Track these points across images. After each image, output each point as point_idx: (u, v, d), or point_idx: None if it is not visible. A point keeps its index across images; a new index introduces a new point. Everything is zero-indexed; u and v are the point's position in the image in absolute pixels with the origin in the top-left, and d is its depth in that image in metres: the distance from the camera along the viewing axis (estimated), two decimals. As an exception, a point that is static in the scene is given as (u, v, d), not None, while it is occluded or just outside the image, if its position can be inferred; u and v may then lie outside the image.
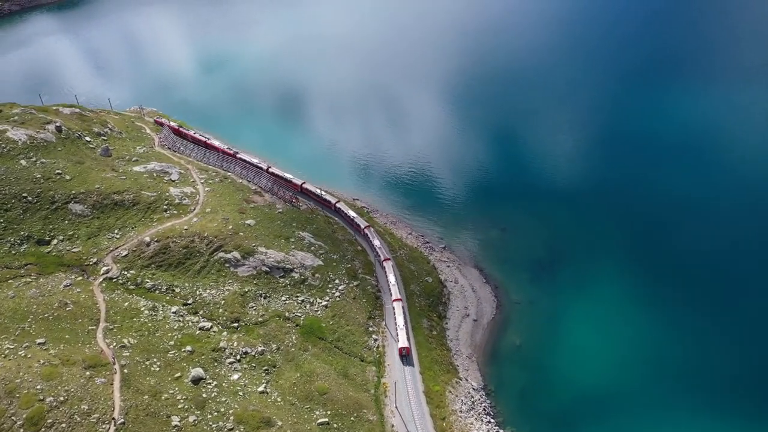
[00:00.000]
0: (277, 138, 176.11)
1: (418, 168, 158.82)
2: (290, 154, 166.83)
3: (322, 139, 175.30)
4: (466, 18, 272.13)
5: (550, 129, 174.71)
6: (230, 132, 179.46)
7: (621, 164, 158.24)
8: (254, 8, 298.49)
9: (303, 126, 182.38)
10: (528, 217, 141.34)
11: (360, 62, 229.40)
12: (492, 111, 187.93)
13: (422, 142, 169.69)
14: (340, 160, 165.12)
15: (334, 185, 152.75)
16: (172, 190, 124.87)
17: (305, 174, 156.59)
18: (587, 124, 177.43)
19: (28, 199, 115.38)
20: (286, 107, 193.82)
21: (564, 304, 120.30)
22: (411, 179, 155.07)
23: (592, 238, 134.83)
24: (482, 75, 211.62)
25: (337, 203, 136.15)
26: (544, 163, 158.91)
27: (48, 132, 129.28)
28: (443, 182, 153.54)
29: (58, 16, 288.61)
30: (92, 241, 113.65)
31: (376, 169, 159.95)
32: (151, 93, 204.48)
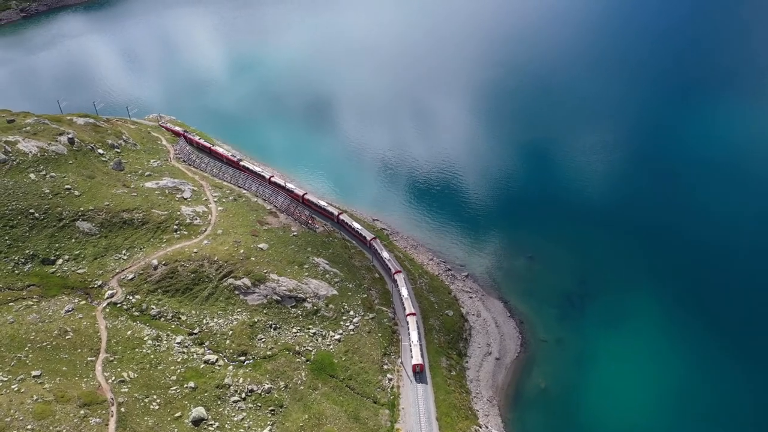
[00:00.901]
0: (297, 150, 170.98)
1: (442, 187, 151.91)
2: (310, 168, 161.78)
3: (344, 153, 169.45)
4: (497, 24, 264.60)
5: (583, 146, 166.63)
6: (248, 141, 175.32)
7: (660, 188, 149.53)
8: (281, 12, 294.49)
9: (325, 138, 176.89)
10: (557, 245, 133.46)
11: (385, 70, 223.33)
12: (521, 125, 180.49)
13: (447, 159, 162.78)
14: (362, 176, 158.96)
15: (353, 203, 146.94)
16: (184, 208, 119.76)
17: (326, 190, 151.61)
18: (624, 142, 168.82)
19: (35, 216, 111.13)
20: (308, 117, 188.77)
21: (594, 343, 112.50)
22: (434, 200, 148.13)
23: (627, 270, 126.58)
24: (513, 86, 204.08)
25: (340, 215, 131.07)
26: (576, 184, 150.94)
27: (60, 144, 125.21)
28: (468, 203, 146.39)
29: (83, 17, 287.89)
30: (98, 262, 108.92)
31: (399, 187, 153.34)
32: (172, 99, 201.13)
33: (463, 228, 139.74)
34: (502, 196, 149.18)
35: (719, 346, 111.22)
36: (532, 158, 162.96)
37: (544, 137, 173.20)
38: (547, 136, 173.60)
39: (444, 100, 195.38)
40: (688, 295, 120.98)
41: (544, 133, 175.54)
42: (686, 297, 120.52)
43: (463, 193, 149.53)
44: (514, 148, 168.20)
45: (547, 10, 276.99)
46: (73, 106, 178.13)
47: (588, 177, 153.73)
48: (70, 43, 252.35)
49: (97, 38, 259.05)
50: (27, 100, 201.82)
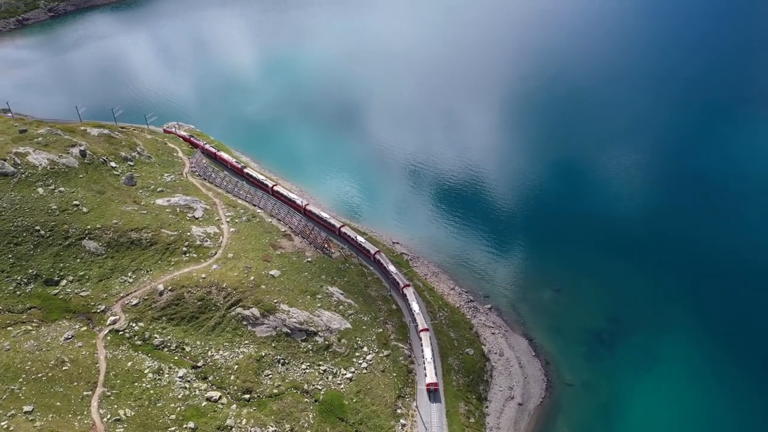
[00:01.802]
0: (317, 164, 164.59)
1: (465, 209, 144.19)
2: (330, 185, 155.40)
3: (366, 169, 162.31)
4: (527, 32, 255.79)
5: (616, 167, 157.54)
6: (267, 152, 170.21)
7: (701, 215, 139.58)
8: (308, 16, 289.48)
9: (347, 152, 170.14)
10: (587, 277, 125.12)
11: (411, 79, 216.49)
12: (551, 142, 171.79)
13: (471, 179, 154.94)
14: (383, 195, 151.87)
15: (373, 225, 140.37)
16: (194, 229, 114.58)
17: (345, 210, 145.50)
18: (660, 162, 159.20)
19: (41, 233, 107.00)
20: (331, 128, 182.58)
21: (625, 388, 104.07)
22: (457, 222, 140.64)
23: (664, 308, 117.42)
24: (543, 99, 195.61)
25: (342, 227, 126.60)
26: (609, 210, 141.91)
27: (71, 156, 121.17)
28: (492, 227, 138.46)
29: (110, 17, 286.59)
30: (103, 284, 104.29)
31: (420, 207, 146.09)
32: (193, 106, 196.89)
33: (487, 254, 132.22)
34: (529, 221, 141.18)
35: (764, 397, 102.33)
36: (561, 179, 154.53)
37: (575, 156, 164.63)
38: (577, 155, 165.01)
39: (471, 113, 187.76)
40: (731, 337, 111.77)
41: (574, 152, 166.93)
42: (728, 340, 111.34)
43: (487, 216, 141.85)
44: (543, 167, 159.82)
45: (578, 21, 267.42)
46: (92, 111, 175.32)
47: (621, 201, 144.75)
48: (96, 45, 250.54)
49: (122, 40, 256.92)
50: (48, 102, 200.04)
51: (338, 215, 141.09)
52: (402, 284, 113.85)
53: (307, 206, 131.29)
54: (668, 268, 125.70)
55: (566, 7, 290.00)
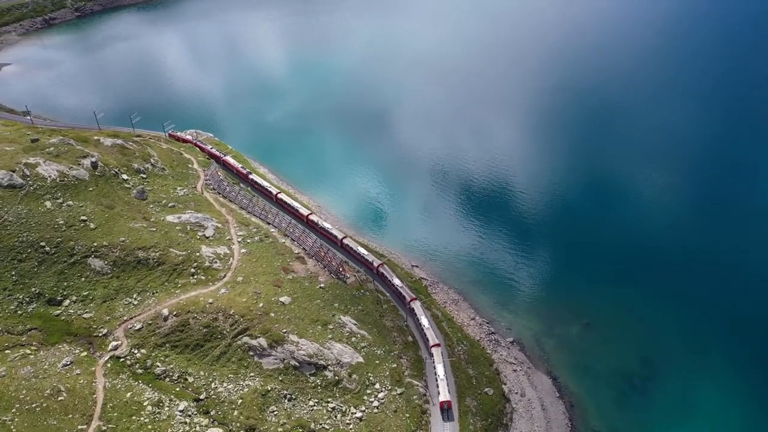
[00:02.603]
0: (339, 180, 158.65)
1: (489, 233, 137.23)
2: (348, 201, 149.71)
3: (388, 186, 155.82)
4: (560, 43, 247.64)
5: (654, 191, 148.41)
6: (286, 163, 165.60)
7: (748, 248, 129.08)
8: (335, 21, 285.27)
9: (369, 167, 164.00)
10: (618, 311, 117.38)
11: (440, 88, 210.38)
12: (582, 160, 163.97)
13: (496, 200, 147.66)
14: (403, 214, 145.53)
15: (393, 246, 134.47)
16: (204, 249, 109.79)
17: (363, 229, 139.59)
18: (705, 189, 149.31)
19: (46, 250, 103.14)
20: (354, 140, 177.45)
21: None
22: (480, 246, 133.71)
23: (703, 351, 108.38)
24: (574, 114, 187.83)
25: (343, 239, 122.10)
26: (645, 238, 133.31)
27: (81, 168, 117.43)
28: (518, 254, 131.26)
29: (136, 18, 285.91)
30: (107, 306, 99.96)
31: (443, 229, 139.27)
32: (214, 113, 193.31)
33: (511, 281, 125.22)
34: (557, 246, 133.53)
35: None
36: (593, 202, 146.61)
37: (607, 176, 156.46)
38: (610, 175, 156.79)
39: (499, 127, 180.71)
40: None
41: (607, 171, 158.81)
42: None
43: (513, 240, 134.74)
44: (573, 188, 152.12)
45: (619, 29, 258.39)
46: (110, 116, 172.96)
47: (659, 229, 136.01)
48: (120, 47, 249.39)
49: (145, 42, 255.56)
50: (69, 105, 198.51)
51: (357, 234, 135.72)
52: (408, 298, 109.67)
53: (309, 216, 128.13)
54: (710, 307, 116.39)
55: (606, 14, 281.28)
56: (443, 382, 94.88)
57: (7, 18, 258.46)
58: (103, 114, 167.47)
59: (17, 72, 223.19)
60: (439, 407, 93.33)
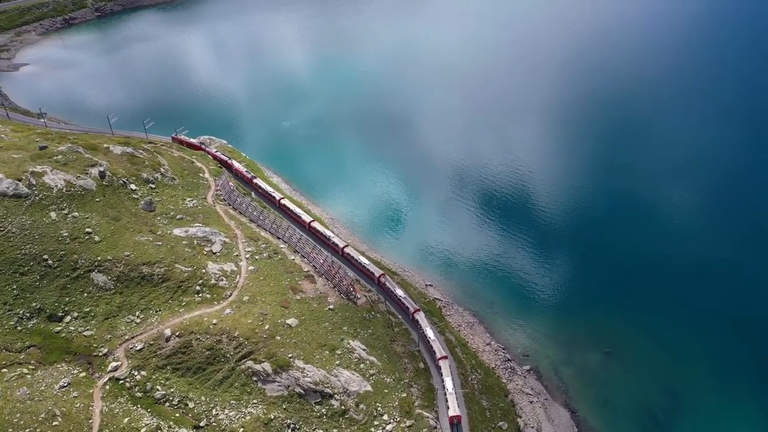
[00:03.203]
0: (354, 192, 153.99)
1: (508, 252, 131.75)
2: (363, 215, 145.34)
3: (405, 201, 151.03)
4: (585, 50, 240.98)
5: (684, 212, 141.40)
6: (301, 173, 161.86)
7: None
8: (356, 24, 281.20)
9: (386, 179, 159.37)
10: (642, 338, 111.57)
11: (462, 96, 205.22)
12: (608, 179, 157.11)
13: (517, 219, 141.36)
14: (421, 230, 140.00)
15: (407, 262, 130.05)
16: (210, 266, 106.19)
17: (376, 243, 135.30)
18: (739, 212, 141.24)
19: (49, 263, 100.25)
20: (371, 150, 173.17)
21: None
22: (498, 266, 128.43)
23: (733, 386, 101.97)
24: (598, 126, 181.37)
25: (345, 248, 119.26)
26: (673, 262, 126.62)
27: (89, 178, 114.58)
28: (537, 275, 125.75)
29: (155, 18, 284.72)
30: (108, 323, 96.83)
31: (459, 247, 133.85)
32: (229, 119, 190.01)
33: (529, 303, 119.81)
34: (578, 268, 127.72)
35: None
36: (617, 220, 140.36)
37: (633, 192, 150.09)
38: (636, 192, 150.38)
39: (519, 139, 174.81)
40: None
41: (632, 187, 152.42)
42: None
43: (532, 260, 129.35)
44: (597, 205, 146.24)
45: (638, 37, 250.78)
46: (124, 120, 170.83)
47: (688, 249, 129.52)
48: (138, 48, 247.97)
49: (163, 44, 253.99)
50: (84, 107, 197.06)
51: (370, 249, 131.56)
52: (412, 309, 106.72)
53: (311, 223, 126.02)
54: (742, 337, 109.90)
55: (630, 18, 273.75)
56: (452, 396, 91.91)
57: (27, 17, 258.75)
58: (117, 118, 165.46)
59: (35, 72, 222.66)
60: (448, 422, 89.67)
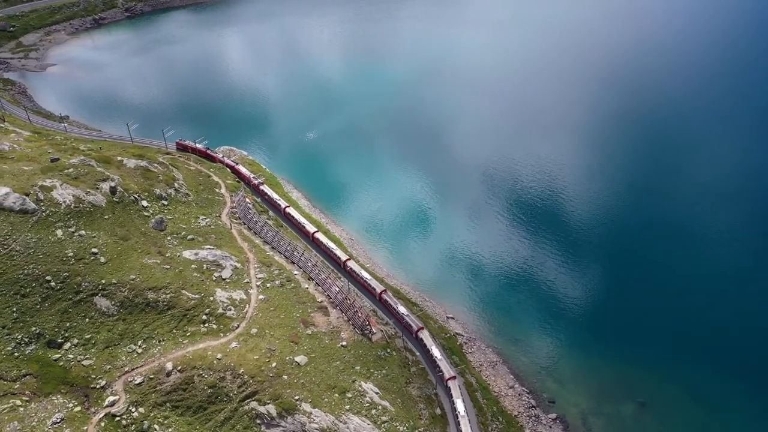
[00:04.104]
0: (377, 210, 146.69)
1: (537, 284, 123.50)
2: (385, 235, 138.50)
3: (430, 221, 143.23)
4: (638, 59, 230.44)
5: (732, 240, 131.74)
6: (322, 188, 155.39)
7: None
8: (389, 29, 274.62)
9: (412, 196, 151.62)
10: (680, 389, 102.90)
11: (498, 107, 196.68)
12: (646, 205, 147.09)
13: (548, 248, 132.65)
14: (445, 256, 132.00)
15: (427, 291, 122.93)
16: (219, 293, 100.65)
17: (399, 271, 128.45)
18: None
19: (51, 285, 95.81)
20: (398, 166, 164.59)
21: None
22: (525, 298, 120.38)
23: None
24: (643, 144, 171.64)
25: (347, 261, 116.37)
26: (711, 302, 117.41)
27: (99, 194, 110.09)
28: (567, 312, 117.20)
29: (185, 20, 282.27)
30: (109, 352, 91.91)
31: (486, 278, 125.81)
32: (251, 130, 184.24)
33: (557, 344, 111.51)
34: (612, 310, 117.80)
35: None
36: (657, 255, 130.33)
37: (674, 223, 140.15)
38: (677, 222, 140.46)
39: (553, 160, 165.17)
40: None
41: (676, 215, 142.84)
42: None
43: (561, 297, 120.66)
44: (636, 237, 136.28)
45: (679, 51, 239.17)
46: (144, 128, 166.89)
47: (732, 291, 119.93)
48: (164, 50, 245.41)
49: (190, 47, 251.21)
50: (106, 111, 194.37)
51: (389, 276, 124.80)
52: (415, 327, 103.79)
53: (315, 233, 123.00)
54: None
55: (672, 31, 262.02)
56: (464, 419, 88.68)
57: (57, 17, 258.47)
58: (137, 125, 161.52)
59: (61, 73, 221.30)
60: None
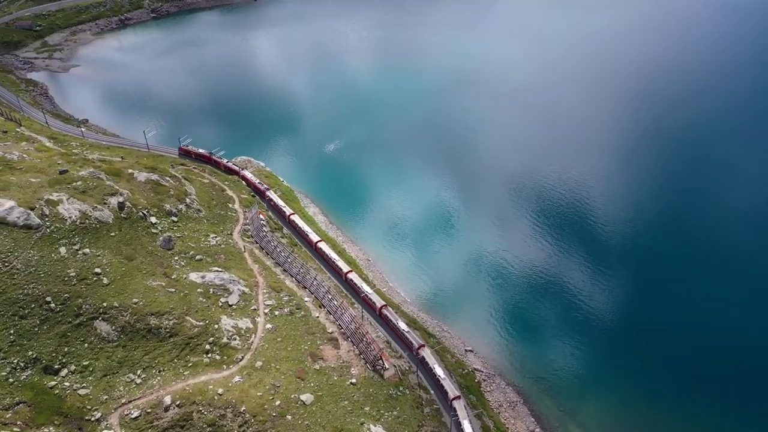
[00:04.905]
0: (398, 230, 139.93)
1: (565, 320, 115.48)
2: (404, 257, 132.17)
3: (455, 244, 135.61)
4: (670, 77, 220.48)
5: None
6: (343, 204, 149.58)
7: None
8: (417, 35, 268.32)
9: (436, 215, 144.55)
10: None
11: (532, 119, 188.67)
12: (690, 234, 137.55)
13: (577, 282, 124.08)
14: (467, 281, 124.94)
15: (445, 319, 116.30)
16: (224, 321, 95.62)
17: (416, 294, 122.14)
18: None
19: (51, 306, 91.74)
20: (425, 180, 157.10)
21: None
22: (551, 335, 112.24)
23: None
24: (688, 168, 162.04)
25: (348, 273, 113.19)
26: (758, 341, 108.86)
27: (106, 209, 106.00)
28: (595, 351, 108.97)
29: (210, 22, 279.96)
30: (107, 381, 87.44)
31: (511, 308, 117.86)
32: (272, 139, 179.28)
33: (583, 384, 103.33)
34: (645, 349, 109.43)
35: None
36: (698, 289, 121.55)
37: (722, 255, 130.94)
38: (724, 255, 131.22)
39: (582, 183, 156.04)
40: None
41: (721, 247, 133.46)
42: None
43: (590, 333, 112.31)
44: (670, 269, 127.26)
45: (724, 70, 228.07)
46: (161, 135, 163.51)
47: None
48: (188, 53, 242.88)
49: (215, 50, 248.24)
50: (126, 115, 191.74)
51: (405, 302, 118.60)
52: (416, 345, 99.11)
53: (318, 243, 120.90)
54: None
55: (716, 47, 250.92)
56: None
57: (84, 16, 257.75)
58: (154, 133, 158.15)
59: (85, 74, 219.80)
60: None
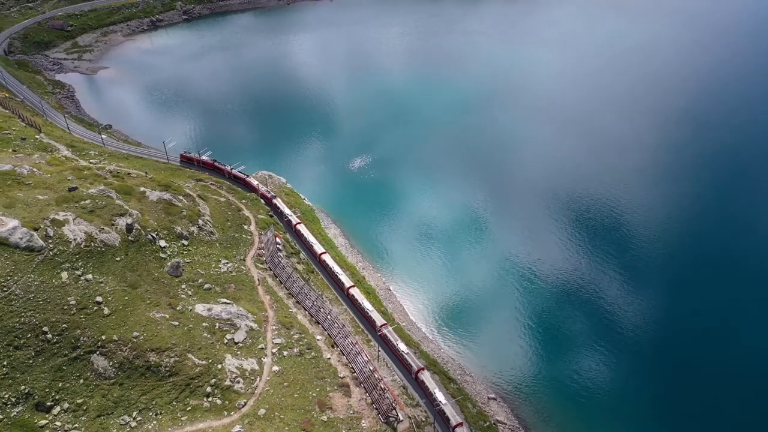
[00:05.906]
0: (424, 258, 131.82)
1: (597, 370, 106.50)
2: (427, 291, 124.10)
3: (482, 269, 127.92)
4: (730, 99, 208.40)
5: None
6: (360, 223, 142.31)
7: None
8: (452, 42, 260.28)
9: (463, 237, 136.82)
10: None
11: (577, 138, 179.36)
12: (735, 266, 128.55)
13: (616, 329, 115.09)
14: (493, 315, 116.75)
15: (469, 362, 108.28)
16: (229, 360, 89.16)
17: (436, 331, 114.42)
18: None
19: (47, 337, 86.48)
20: (459, 204, 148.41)
21: None
22: (582, 387, 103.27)
23: None
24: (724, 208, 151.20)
25: (350, 288, 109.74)
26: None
27: (113, 231, 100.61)
28: (629, 407, 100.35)
29: (242, 25, 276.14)
30: (100, 423, 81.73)
31: (542, 354, 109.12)
32: (298, 154, 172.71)
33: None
34: (686, 397, 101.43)
35: None
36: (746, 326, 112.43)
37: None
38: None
39: (629, 215, 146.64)
40: None
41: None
42: None
43: (626, 383, 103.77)
44: (723, 315, 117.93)
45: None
46: (182, 145, 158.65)
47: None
48: (217, 57, 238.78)
49: (244, 55, 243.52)
50: (149, 122, 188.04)
51: (425, 339, 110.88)
52: (416, 368, 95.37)
53: (322, 254, 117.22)
54: None
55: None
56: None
57: (115, 17, 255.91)
58: (174, 143, 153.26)
59: (112, 77, 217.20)
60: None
